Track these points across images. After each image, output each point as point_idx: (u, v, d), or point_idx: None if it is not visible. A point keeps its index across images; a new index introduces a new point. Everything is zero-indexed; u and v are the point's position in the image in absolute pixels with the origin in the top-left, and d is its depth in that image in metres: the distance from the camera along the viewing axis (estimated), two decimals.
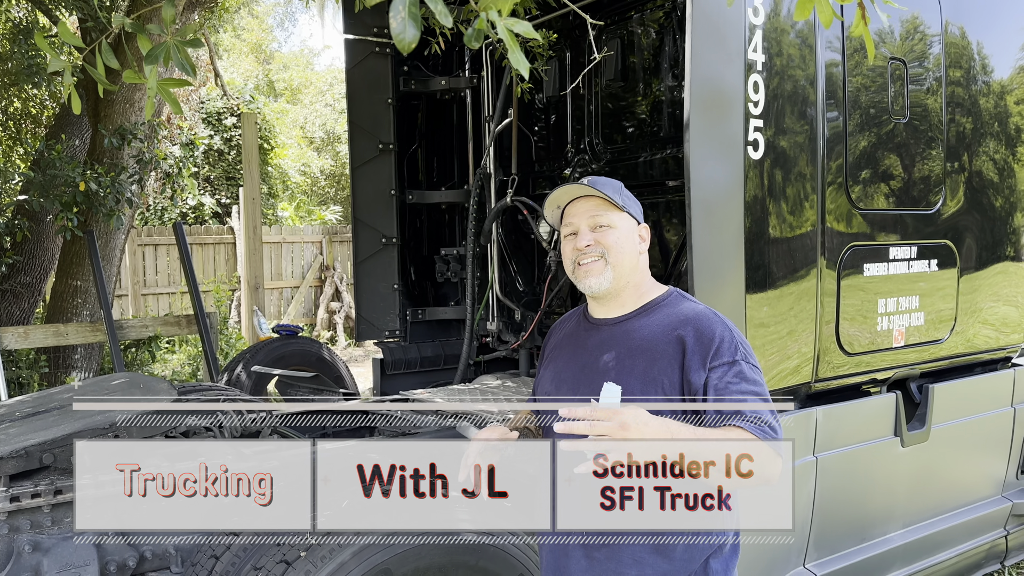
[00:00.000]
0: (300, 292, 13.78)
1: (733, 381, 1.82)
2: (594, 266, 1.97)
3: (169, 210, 13.34)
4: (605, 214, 1.98)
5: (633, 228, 2.02)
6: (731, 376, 1.82)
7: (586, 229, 1.99)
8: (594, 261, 1.97)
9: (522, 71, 1.54)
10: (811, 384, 3.29)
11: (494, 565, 2.49)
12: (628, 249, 1.99)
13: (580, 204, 2.01)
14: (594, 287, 1.98)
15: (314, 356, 6.05)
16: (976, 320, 3.94)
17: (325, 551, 2.24)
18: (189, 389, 4.35)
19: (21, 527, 2.34)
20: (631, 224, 2.02)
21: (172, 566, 2.53)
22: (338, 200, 19.09)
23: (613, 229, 1.98)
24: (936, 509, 3.87)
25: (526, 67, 1.56)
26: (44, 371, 7.26)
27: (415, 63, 4.93)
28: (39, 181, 6.57)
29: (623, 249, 1.98)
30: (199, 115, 14.52)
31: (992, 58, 3.96)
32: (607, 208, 1.98)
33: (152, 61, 1.63)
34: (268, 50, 24.45)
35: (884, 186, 3.50)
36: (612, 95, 4.21)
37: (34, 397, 3.29)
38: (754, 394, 1.81)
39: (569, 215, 2.03)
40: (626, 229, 2.00)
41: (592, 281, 1.97)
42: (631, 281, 2.01)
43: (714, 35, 2.83)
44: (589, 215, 1.99)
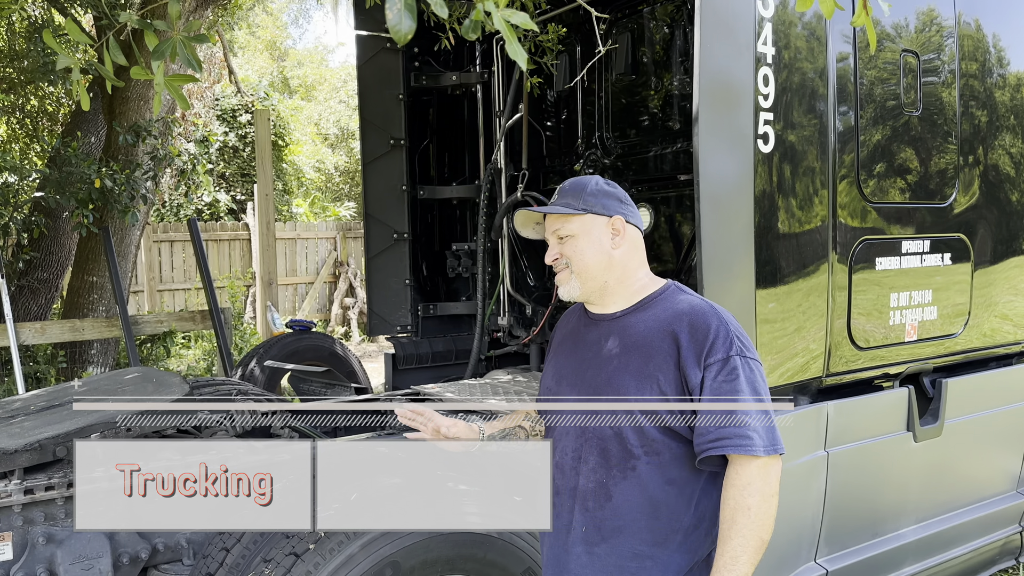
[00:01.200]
0: (314, 288, 13.85)
1: (726, 380, 1.82)
2: (561, 276, 2.03)
3: (184, 207, 13.44)
4: (564, 225, 2.01)
5: (600, 226, 2.00)
6: (724, 375, 1.82)
7: (554, 241, 2.04)
8: (561, 271, 2.02)
9: (520, 62, 1.54)
10: (822, 379, 3.27)
11: (501, 558, 2.50)
12: (591, 252, 1.99)
13: (549, 217, 2.05)
14: (564, 295, 2.04)
15: (327, 351, 6.09)
16: (991, 314, 3.91)
17: (334, 543, 2.26)
18: (202, 384, 4.38)
19: (35, 519, 2.37)
20: (597, 223, 2.00)
21: (184, 558, 2.56)
22: (352, 196, 19.15)
23: (573, 238, 2.00)
24: (949, 505, 3.85)
25: (524, 58, 1.56)
26: (62, 366, 7.34)
27: (426, 59, 4.93)
28: (55, 178, 6.63)
29: (585, 254, 1.99)
30: (213, 112, 14.60)
31: (1008, 50, 3.91)
32: (564, 219, 2.01)
33: (158, 57, 1.64)
34: (282, 47, 24.54)
35: (897, 180, 3.47)
36: (622, 89, 4.20)
37: (49, 391, 3.33)
38: (746, 394, 1.81)
39: (546, 229, 2.09)
40: (588, 233, 1.99)
41: (562, 290, 2.04)
42: (608, 279, 2.00)
43: (723, 28, 2.82)
44: (552, 228, 2.04)
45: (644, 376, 1.89)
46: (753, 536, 1.78)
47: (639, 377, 1.89)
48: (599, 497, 1.92)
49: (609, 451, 1.91)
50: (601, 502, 1.91)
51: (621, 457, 1.90)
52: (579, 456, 1.97)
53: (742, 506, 1.78)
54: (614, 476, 1.90)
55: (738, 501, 1.79)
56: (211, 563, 2.43)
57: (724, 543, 1.80)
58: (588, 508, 1.94)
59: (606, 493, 1.91)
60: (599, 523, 1.92)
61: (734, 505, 1.79)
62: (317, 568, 2.22)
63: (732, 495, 1.80)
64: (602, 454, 1.93)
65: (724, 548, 1.79)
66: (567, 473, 1.99)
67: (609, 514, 1.91)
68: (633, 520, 1.89)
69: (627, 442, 1.89)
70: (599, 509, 1.92)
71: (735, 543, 1.78)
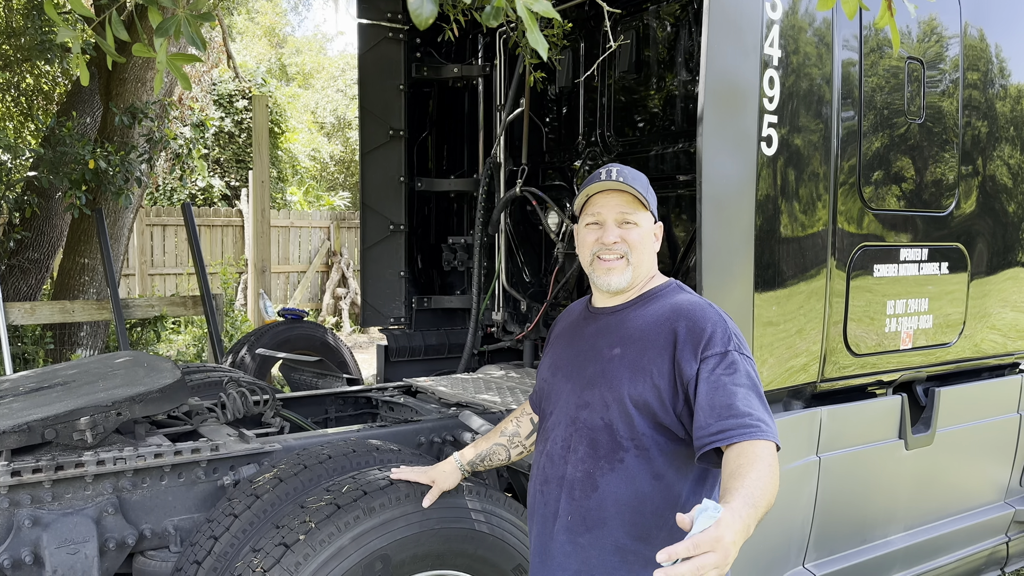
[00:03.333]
0: (307, 277, 13.80)
1: (725, 372, 1.79)
2: (616, 264, 1.96)
3: (178, 191, 13.37)
4: (634, 212, 1.96)
5: (651, 225, 2.01)
6: (723, 368, 1.80)
7: (612, 224, 1.96)
8: (616, 259, 1.96)
9: (540, 51, 1.51)
10: (817, 384, 3.27)
11: (492, 554, 2.49)
12: (648, 248, 2.00)
13: (609, 196, 1.97)
14: (613, 286, 1.98)
15: (319, 341, 6.06)
16: (985, 325, 3.91)
17: (324, 535, 2.24)
18: (193, 369, 4.35)
19: (22, 502, 2.33)
20: (651, 222, 2.01)
21: (171, 545, 2.53)
22: (347, 186, 19.10)
23: (638, 228, 1.96)
24: (938, 513, 3.85)
25: (544, 47, 1.53)
26: (50, 347, 7.28)
27: (428, 49, 4.91)
28: (49, 158, 6.57)
29: (645, 248, 1.98)
30: (211, 97, 14.51)
31: (1010, 61, 3.91)
32: (636, 205, 1.96)
33: (162, 34, 1.61)
34: (281, 34, 24.43)
35: (897, 187, 3.47)
36: (625, 87, 4.18)
37: (38, 372, 3.29)
38: (746, 387, 1.79)
39: (596, 204, 1.99)
40: (648, 228, 2.00)
41: (612, 279, 1.97)
42: (645, 276, 2.03)
43: (731, 28, 2.80)
44: (618, 209, 1.96)
45: (638, 369, 1.88)
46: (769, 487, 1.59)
47: (633, 369, 1.89)
48: (586, 487, 1.91)
49: (598, 442, 1.91)
50: (587, 492, 1.91)
51: (610, 448, 1.90)
52: (568, 445, 1.97)
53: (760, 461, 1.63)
54: (602, 467, 1.90)
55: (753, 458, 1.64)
56: (199, 551, 2.40)
57: (739, 479, 1.59)
58: (574, 497, 1.93)
59: (592, 483, 1.90)
60: (584, 513, 1.91)
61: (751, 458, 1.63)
62: (307, 559, 2.20)
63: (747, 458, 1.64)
64: (591, 445, 1.92)
65: (740, 484, 1.58)
66: (556, 461, 1.99)
67: (594, 504, 1.90)
68: (618, 512, 1.88)
69: (617, 434, 1.89)
70: (585, 499, 1.91)
71: (751, 483, 1.58)
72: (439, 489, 2.36)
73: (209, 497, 2.60)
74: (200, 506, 2.59)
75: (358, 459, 2.59)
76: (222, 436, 2.80)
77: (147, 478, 2.52)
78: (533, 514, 2.07)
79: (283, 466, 2.55)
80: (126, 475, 2.47)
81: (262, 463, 2.66)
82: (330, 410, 3.84)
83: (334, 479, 2.48)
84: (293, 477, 2.48)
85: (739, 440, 1.70)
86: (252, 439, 2.76)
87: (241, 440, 2.74)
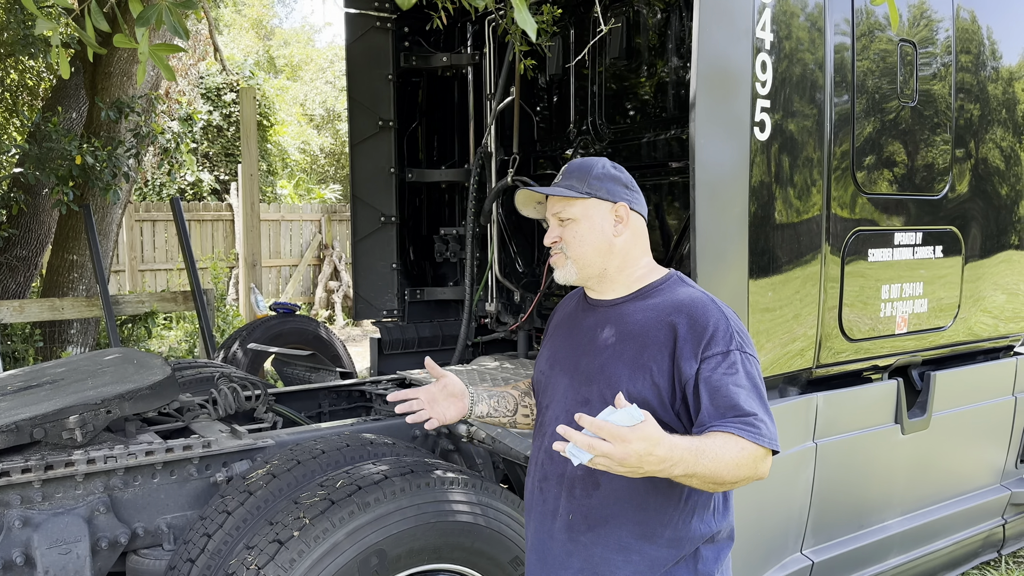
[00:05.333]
0: (298, 270, 13.74)
1: (727, 373, 1.77)
2: (557, 259, 1.98)
3: (167, 186, 13.27)
4: (566, 208, 1.96)
5: (603, 212, 1.95)
6: (724, 368, 1.77)
7: (554, 223, 1.99)
8: (557, 255, 1.98)
9: (529, 31, 1.48)
10: (812, 370, 3.25)
11: (489, 547, 2.47)
12: (591, 238, 1.94)
13: (551, 199, 2.00)
14: (559, 279, 2.00)
15: (311, 335, 6.02)
16: (979, 308, 3.91)
17: (319, 531, 2.21)
18: (184, 365, 4.32)
19: (11, 502, 2.31)
20: (601, 208, 1.95)
21: (164, 543, 2.51)
22: (338, 179, 19.01)
23: (574, 222, 1.95)
24: (935, 497, 3.86)
25: (533, 27, 1.51)
26: (39, 345, 7.23)
27: (416, 39, 4.86)
28: (35, 154, 6.50)
29: (584, 240, 1.94)
30: (198, 90, 14.40)
31: (1001, 44, 3.89)
32: (567, 202, 1.96)
33: (143, 23, 1.57)
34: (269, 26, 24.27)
35: (890, 171, 3.45)
36: (616, 74, 4.14)
37: (26, 371, 3.26)
38: (748, 388, 1.76)
39: (547, 210, 2.04)
40: (590, 218, 1.95)
41: (557, 274, 2.00)
42: (608, 266, 1.96)
43: (722, 13, 2.77)
44: (554, 210, 1.99)
45: (638, 366, 1.85)
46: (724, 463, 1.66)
47: (632, 366, 1.86)
48: (587, 485, 1.89)
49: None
50: (588, 490, 1.88)
51: None
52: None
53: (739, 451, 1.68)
54: None
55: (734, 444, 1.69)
56: (192, 549, 2.38)
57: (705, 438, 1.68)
58: (575, 496, 1.90)
59: (594, 481, 1.88)
60: (585, 511, 1.89)
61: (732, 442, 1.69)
62: (301, 556, 2.17)
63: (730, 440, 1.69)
64: None
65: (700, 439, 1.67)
66: (556, 459, 1.96)
67: (596, 503, 1.87)
68: (620, 511, 1.85)
69: None
70: (586, 497, 1.89)
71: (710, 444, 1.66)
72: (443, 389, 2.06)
73: (202, 494, 2.57)
74: (193, 503, 2.56)
75: (352, 453, 2.57)
76: (214, 432, 2.77)
77: (139, 476, 2.49)
78: (531, 510, 2.04)
79: (276, 462, 2.52)
80: (117, 473, 2.44)
81: (255, 459, 2.64)
82: (323, 404, 3.81)
83: (328, 474, 2.45)
84: (287, 473, 2.46)
85: (736, 433, 1.70)
86: (244, 435, 2.73)
87: (233, 436, 2.72)
